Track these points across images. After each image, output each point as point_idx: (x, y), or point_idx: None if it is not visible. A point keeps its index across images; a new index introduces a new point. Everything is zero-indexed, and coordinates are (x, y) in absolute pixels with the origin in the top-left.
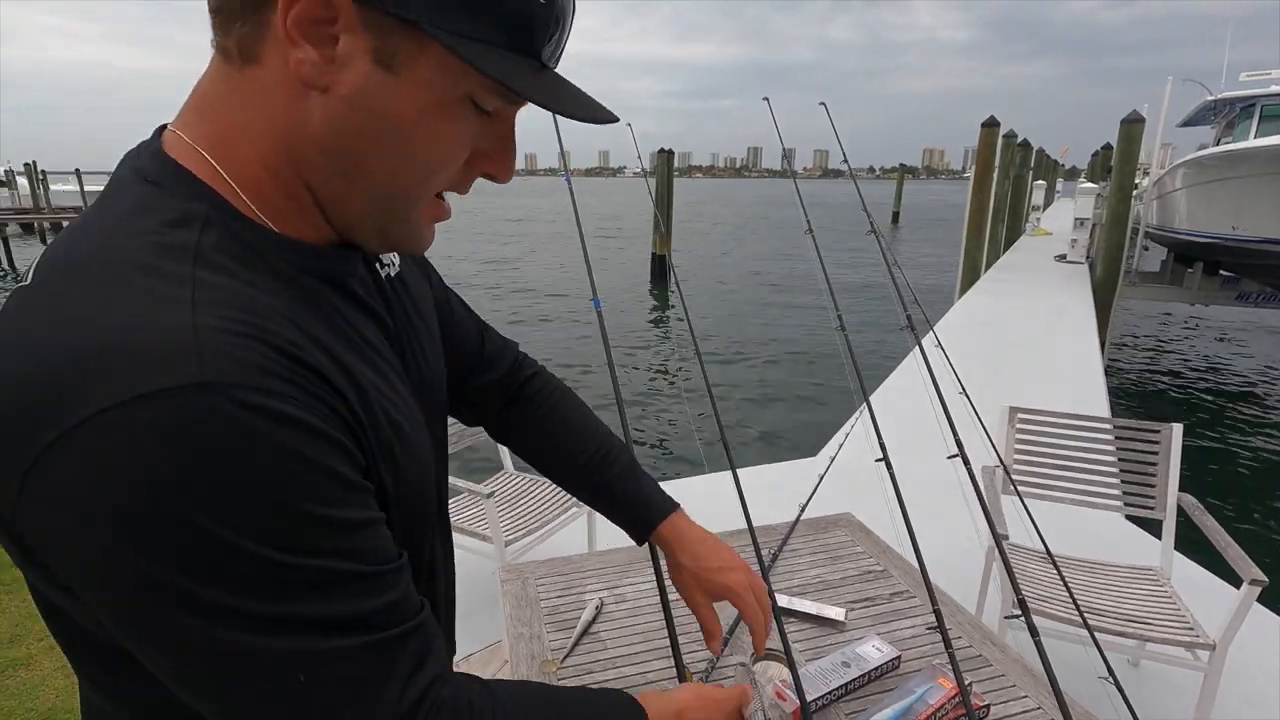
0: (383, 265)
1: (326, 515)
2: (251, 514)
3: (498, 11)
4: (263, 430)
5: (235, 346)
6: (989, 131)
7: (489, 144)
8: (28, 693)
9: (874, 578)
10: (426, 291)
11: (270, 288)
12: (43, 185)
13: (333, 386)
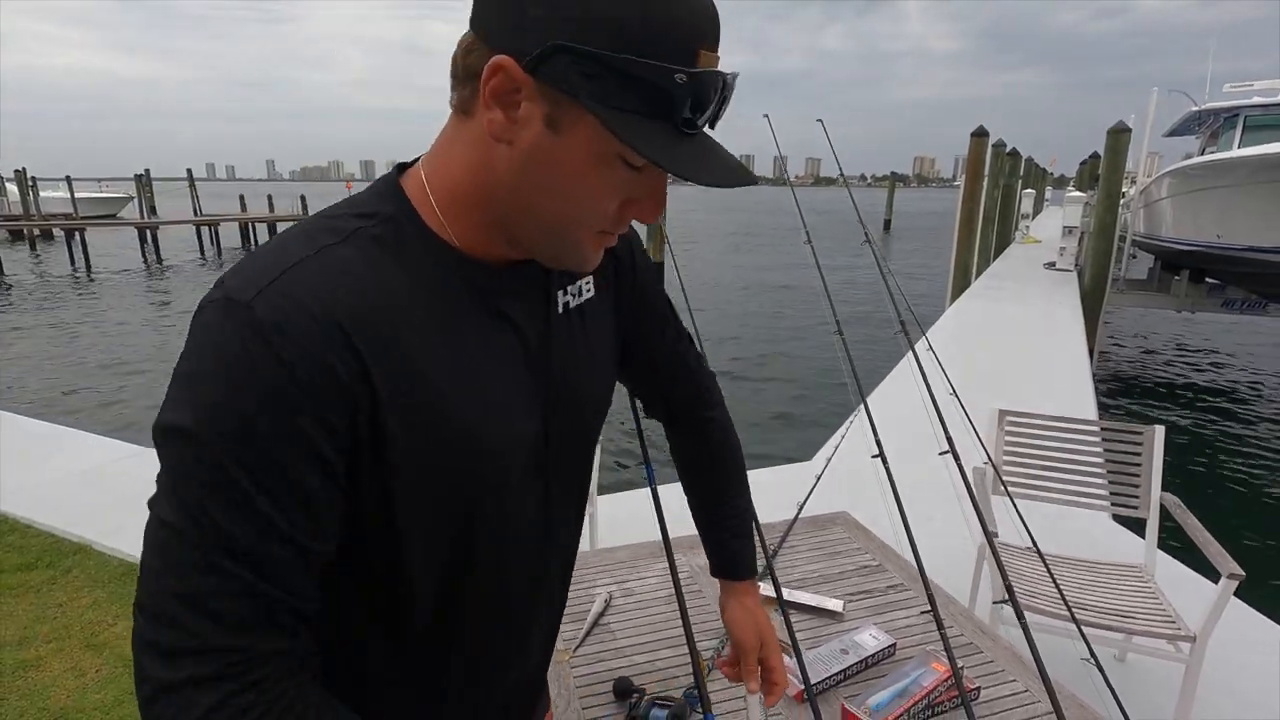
0: (565, 293)
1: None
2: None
3: (642, 89)
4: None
5: (279, 302)
6: (978, 141)
7: (640, 193)
8: (39, 693)
9: (870, 572)
10: (609, 325)
11: (390, 273)
12: (33, 192)
13: (343, 352)
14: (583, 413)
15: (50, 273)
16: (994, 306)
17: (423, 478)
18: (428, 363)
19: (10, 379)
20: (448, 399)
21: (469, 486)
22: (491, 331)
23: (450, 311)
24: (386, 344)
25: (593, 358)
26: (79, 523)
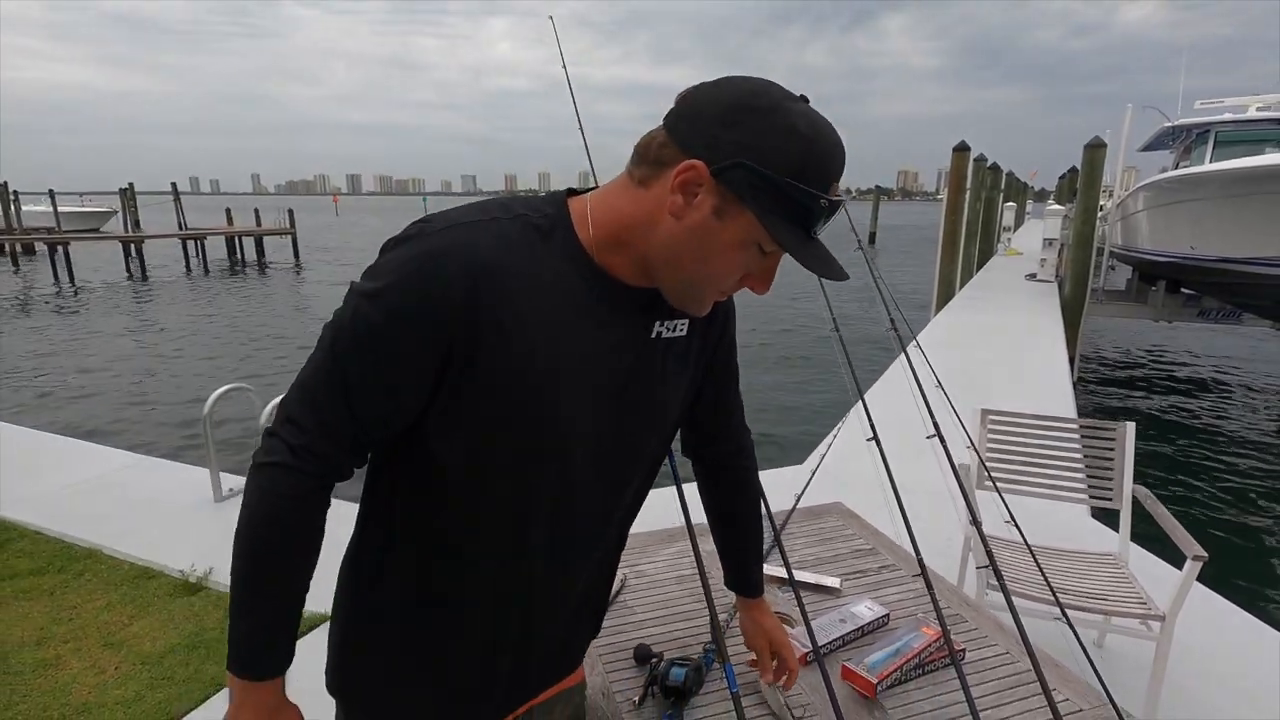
0: (664, 324)
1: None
2: (376, 279)
3: (794, 203)
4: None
5: (461, 246)
6: (960, 156)
7: (760, 271)
8: (60, 690)
9: (863, 555)
10: (693, 357)
11: (534, 253)
12: (15, 205)
13: (467, 290)
14: (642, 424)
15: (33, 287)
16: (977, 316)
17: (488, 416)
18: (533, 328)
19: (5, 391)
20: (535, 365)
21: (526, 445)
22: (594, 329)
23: (570, 302)
24: (506, 299)
25: (666, 383)
26: (87, 529)
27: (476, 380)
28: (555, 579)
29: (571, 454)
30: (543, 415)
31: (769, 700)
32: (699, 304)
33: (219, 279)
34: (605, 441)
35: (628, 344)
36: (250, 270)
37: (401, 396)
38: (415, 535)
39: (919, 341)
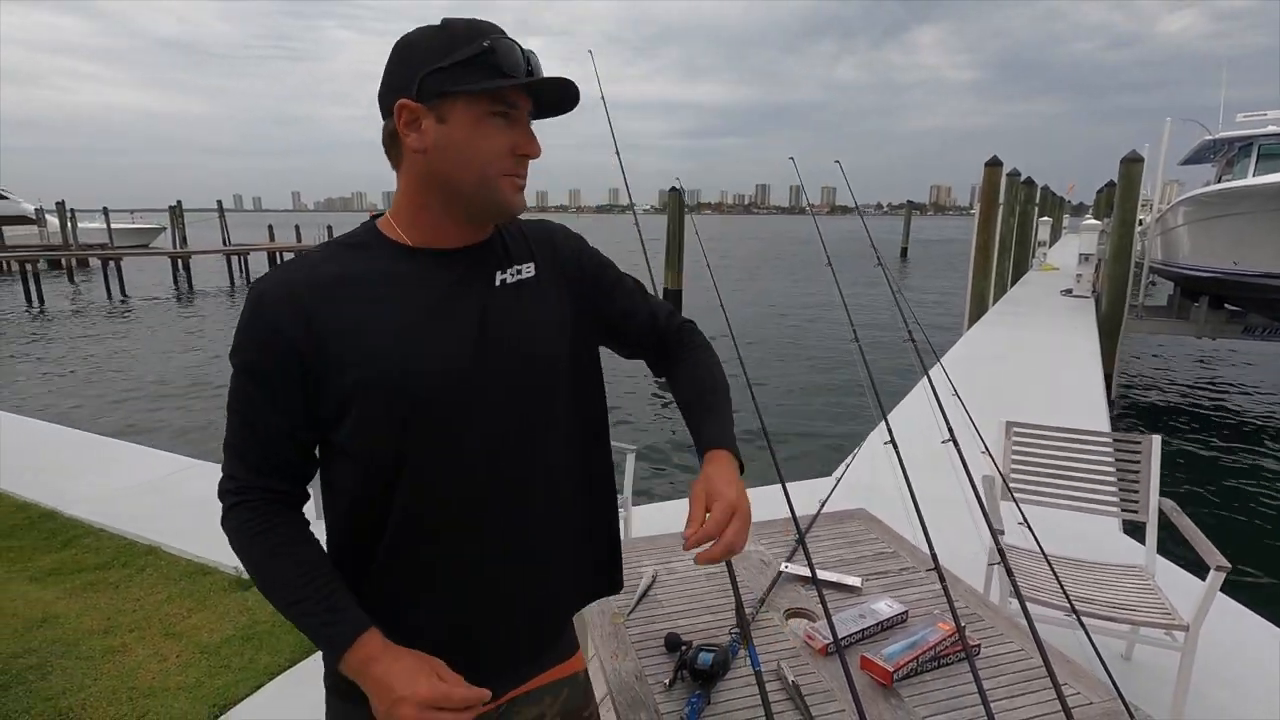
0: (505, 271)
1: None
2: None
3: (472, 64)
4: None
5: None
6: (992, 170)
7: (518, 135)
8: (127, 674)
9: (885, 557)
10: (551, 291)
11: (346, 262)
12: (71, 223)
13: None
14: (522, 362)
15: (89, 300)
16: (1009, 332)
17: (365, 393)
18: (367, 320)
19: (59, 398)
20: (384, 341)
21: (401, 404)
22: (431, 300)
23: (401, 287)
24: (335, 309)
25: (534, 321)
26: (146, 528)
27: (341, 376)
28: (496, 532)
29: (447, 409)
30: (407, 385)
31: (786, 684)
32: (506, 201)
33: None
34: (481, 389)
35: (473, 298)
36: None
37: (293, 421)
38: (357, 525)
39: (948, 362)
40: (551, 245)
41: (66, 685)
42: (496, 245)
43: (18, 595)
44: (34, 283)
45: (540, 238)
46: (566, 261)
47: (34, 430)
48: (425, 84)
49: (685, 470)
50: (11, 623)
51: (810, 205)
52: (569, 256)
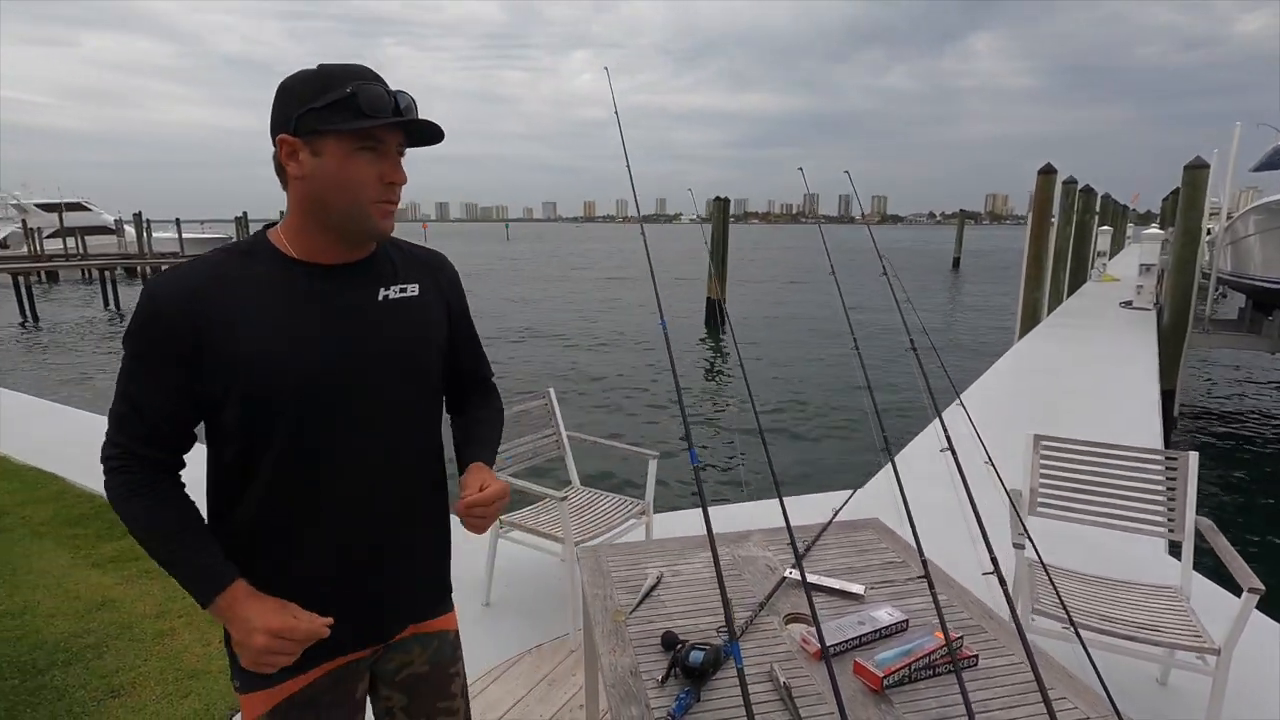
0: (388, 288)
1: (129, 365)
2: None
3: (342, 106)
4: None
5: (170, 285)
6: (1045, 178)
7: (385, 165)
8: (174, 656)
9: (893, 567)
10: (430, 308)
11: (230, 267)
12: (147, 233)
13: (186, 314)
14: (389, 364)
15: None
16: (1061, 345)
17: (236, 381)
18: (242, 318)
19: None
20: (254, 339)
21: (268, 392)
22: (304, 304)
23: (280, 292)
24: (218, 307)
25: (409, 332)
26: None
27: (217, 365)
28: (362, 507)
29: (330, 409)
30: (275, 379)
31: (778, 685)
32: (374, 225)
33: None
34: (363, 390)
35: (354, 309)
36: None
37: (173, 398)
38: (234, 503)
39: (995, 374)
40: (440, 274)
41: (120, 664)
42: (385, 265)
43: (81, 580)
44: (111, 288)
45: (433, 264)
46: (449, 291)
47: (103, 426)
48: (302, 122)
49: (702, 481)
50: (75, 605)
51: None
52: (451, 288)
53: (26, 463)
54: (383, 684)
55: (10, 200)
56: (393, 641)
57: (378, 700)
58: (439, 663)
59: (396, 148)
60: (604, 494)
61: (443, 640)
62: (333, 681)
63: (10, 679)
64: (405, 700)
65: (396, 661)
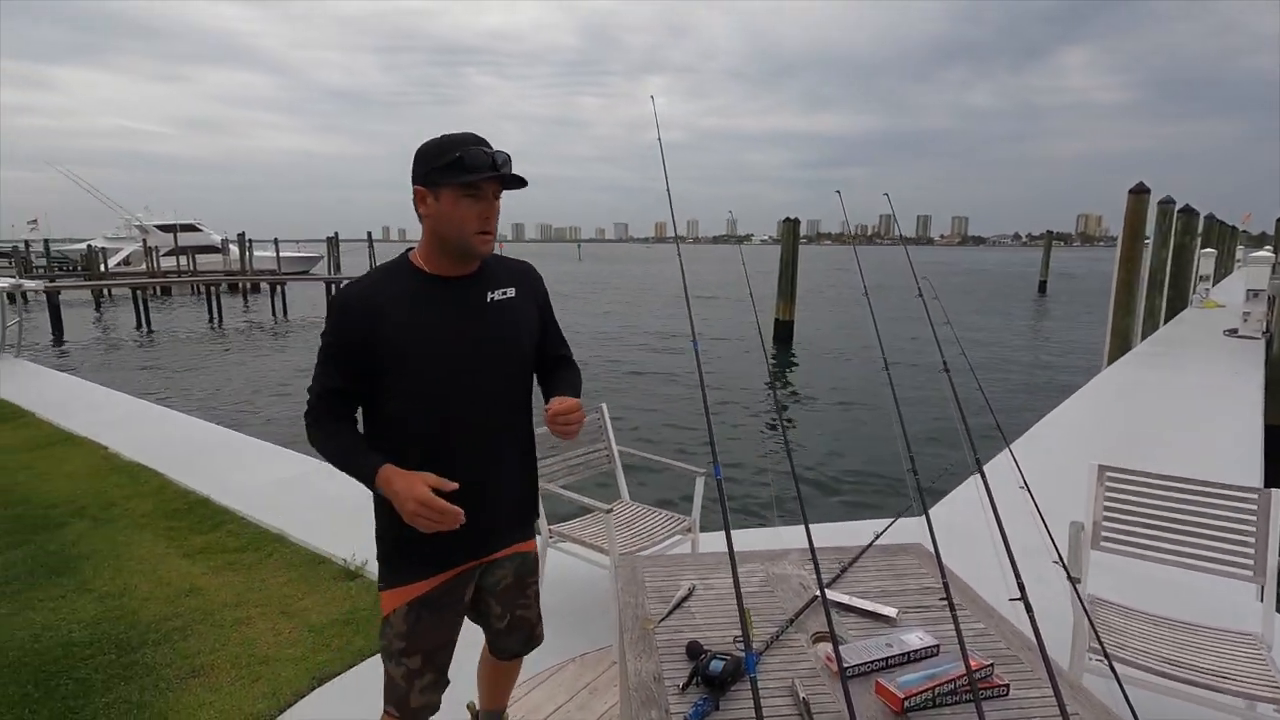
0: (493, 292)
1: (324, 346)
2: (325, 329)
3: (451, 166)
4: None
5: (349, 292)
6: (1137, 199)
7: (484, 207)
8: (250, 643)
9: (932, 593)
10: (524, 308)
11: (393, 279)
12: (249, 251)
13: (362, 312)
14: (500, 350)
15: (257, 320)
16: (1154, 373)
17: (395, 363)
18: (400, 318)
19: (229, 402)
20: (404, 329)
21: (421, 369)
22: (435, 304)
23: (417, 299)
24: (381, 310)
25: (513, 325)
26: (277, 518)
27: (380, 350)
28: (474, 451)
29: (453, 376)
30: (422, 359)
31: (797, 699)
32: (475, 250)
33: None
34: (476, 364)
35: (470, 309)
36: None
37: (354, 369)
38: (389, 442)
39: (1078, 402)
40: (529, 279)
41: (201, 647)
42: (490, 274)
43: (173, 568)
44: (216, 302)
45: (524, 272)
46: (538, 293)
47: (200, 429)
48: (428, 177)
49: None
50: (166, 590)
51: (941, 236)
52: (538, 290)
53: (133, 459)
54: (483, 590)
55: (134, 222)
56: (492, 559)
57: (478, 601)
58: (522, 575)
59: (493, 194)
60: (651, 509)
61: (525, 559)
62: (450, 586)
63: (109, 653)
64: (496, 602)
65: (496, 575)
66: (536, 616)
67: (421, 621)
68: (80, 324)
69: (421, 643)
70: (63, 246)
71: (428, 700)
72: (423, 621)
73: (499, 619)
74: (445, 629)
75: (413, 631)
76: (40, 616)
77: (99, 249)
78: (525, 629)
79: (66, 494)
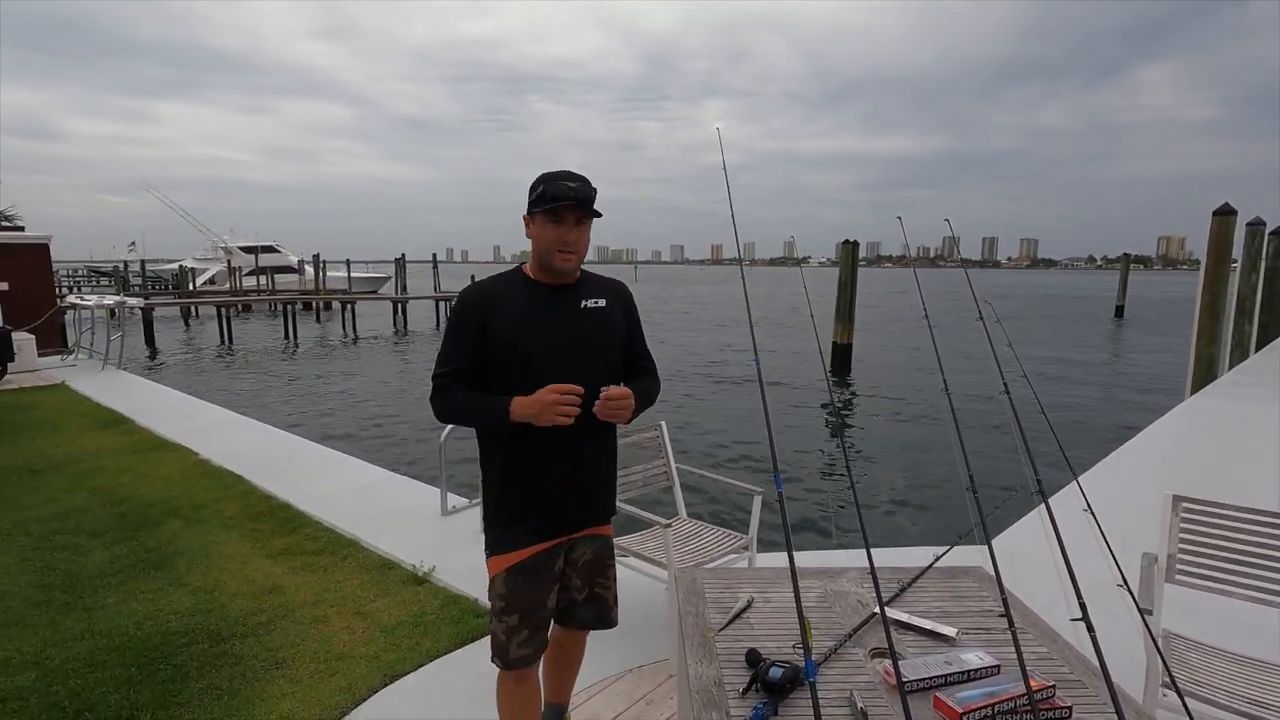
0: (587, 300)
1: (447, 334)
2: (448, 320)
3: (542, 197)
4: (455, 306)
5: (470, 290)
6: (1222, 221)
7: (563, 231)
8: (326, 640)
9: (992, 616)
10: (613, 317)
11: (505, 282)
12: (323, 272)
13: (477, 307)
14: (590, 346)
15: (329, 336)
16: (1243, 405)
17: (503, 350)
18: (510, 311)
19: (301, 413)
20: (517, 325)
21: (524, 356)
22: (538, 306)
23: (526, 300)
24: (494, 302)
25: (602, 329)
26: (351, 524)
27: (491, 337)
28: (565, 434)
29: (548, 368)
30: (522, 350)
31: (855, 710)
32: (558, 265)
33: None
34: (568, 360)
35: (566, 312)
36: None
37: (472, 351)
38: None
39: (1157, 433)
40: (620, 294)
41: (283, 641)
42: (584, 286)
43: (258, 568)
44: (291, 320)
45: (615, 288)
46: (626, 306)
47: (279, 438)
48: (529, 205)
49: (806, 524)
50: (251, 587)
51: (1008, 259)
52: (626, 304)
53: (222, 465)
54: (568, 564)
55: (220, 244)
56: (578, 536)
57: (561, 574)
58: (601, 554)
59: (574, 219)
60: (709, 526)
61: (605, 541)
62: (545, 556)
63: (202, 643)
64: (577, 575)
65: (579, 551)
66: (613, 599)
67: (519, 585)
68: (170, 338)
69: (519, 603)
70: (156, 266)
71: (524, 653)
72: (520, 585)
73: (579, 591)
74: (539, 592)
75: (511, 593)
76: (142, 606)
77: (189, 269)
78: (601, 605)
79: (163, 495)
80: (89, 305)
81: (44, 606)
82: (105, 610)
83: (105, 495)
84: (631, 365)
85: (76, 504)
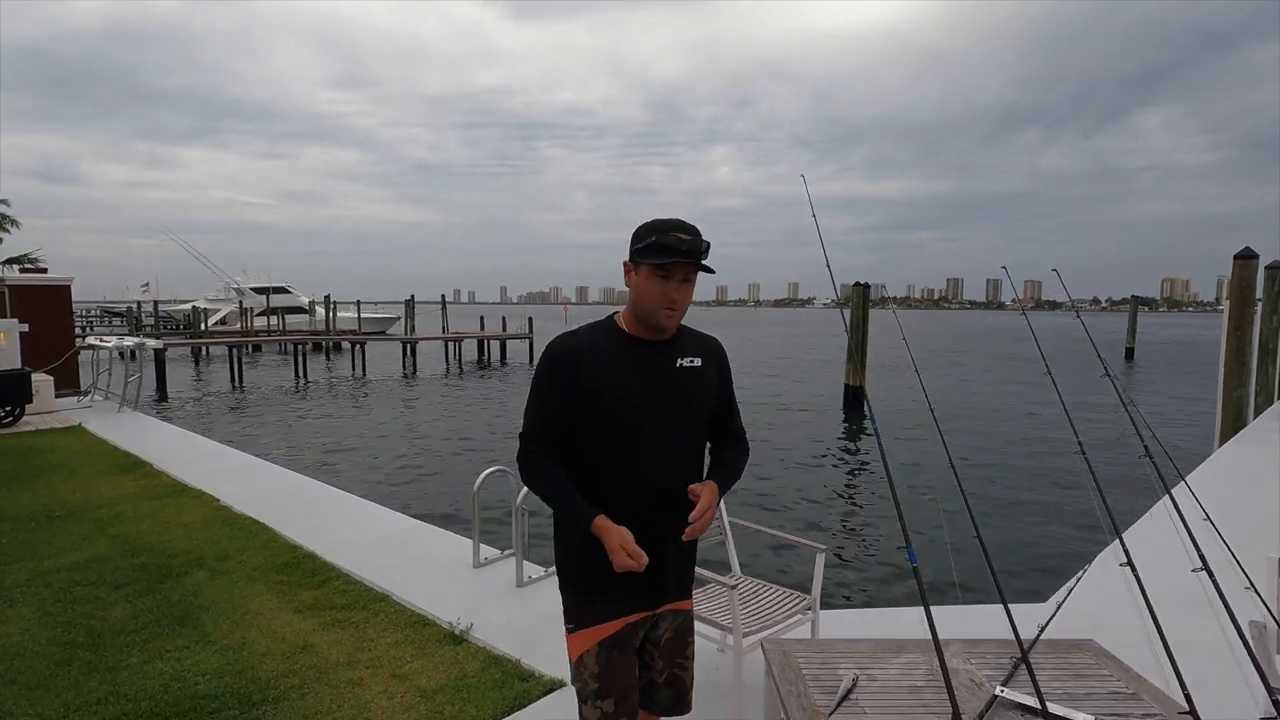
0: (683, 359)
1: (537, 389)
2: (537, 373)
3: (650, 248)
4: (545, 359)
5: (560, 343)
6: (1244, 264)
7: (670, 288)
8: (363, 706)
9: (1123, 698)
10: (708, 377)
11: (598, 335)
12: (333, 312)
13: (569, 361)
14: (682, 411)
15: (339, 377)
16: (1277, 451)
17: (592, 401)
18: (605, 367)
19: (319, 457)
20: (610, 382)
21: (608, 409)
22: (632, 362)
23: (617, 356)
24: (586, 359)
25: (695, 389)
26: (381, 576)
27: (584, 391)
28: (654, 499)
29: (639, 428)
30: (614, 409)
31: None
32: (659, 323)
33: (471, 375)
34: (660, 420)
35: (660, 370)
36: (494, 369)
37: (561, 410)
38: (582, 482)
39: (1192, 484)
40: (716, 354)
41: (318, 707)
42: (681, 343)
43: (286, 624)
44: (302, 360)
45: (712, 347)
46: (721, 366)
47: (301, 483)
48: (635, 254)
49: (874, 581)
50: (281, 646)
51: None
52: (721, 365)
53: (244, 512)
54: (648, 642)
55: (233, 285)
56: (659, 611)
57: (640, 652)
58: (681, 632)
59: (682, 276)
60: (767, 585)
61: (686, 616)
62: (630, 630)
63: (233, 708)
64: (659, 655)
65: (662, 628)
66: (690, 680)
67: (611, 662)
68: (181, 379)
69: (614, 684)
70: (168, 307)
71: None
72: (612, 662)
73: (659, 673)
74: (630, 669)
75: (604, 672)
76: (168, 666)
77: (201, 309)
78: (679, 687)
79: (184, 544)
80: (108, 346)
81: (66, 666)
82: (130, 670)
83: (125, 544)
84: (723, 430)
85: (97, 553)
